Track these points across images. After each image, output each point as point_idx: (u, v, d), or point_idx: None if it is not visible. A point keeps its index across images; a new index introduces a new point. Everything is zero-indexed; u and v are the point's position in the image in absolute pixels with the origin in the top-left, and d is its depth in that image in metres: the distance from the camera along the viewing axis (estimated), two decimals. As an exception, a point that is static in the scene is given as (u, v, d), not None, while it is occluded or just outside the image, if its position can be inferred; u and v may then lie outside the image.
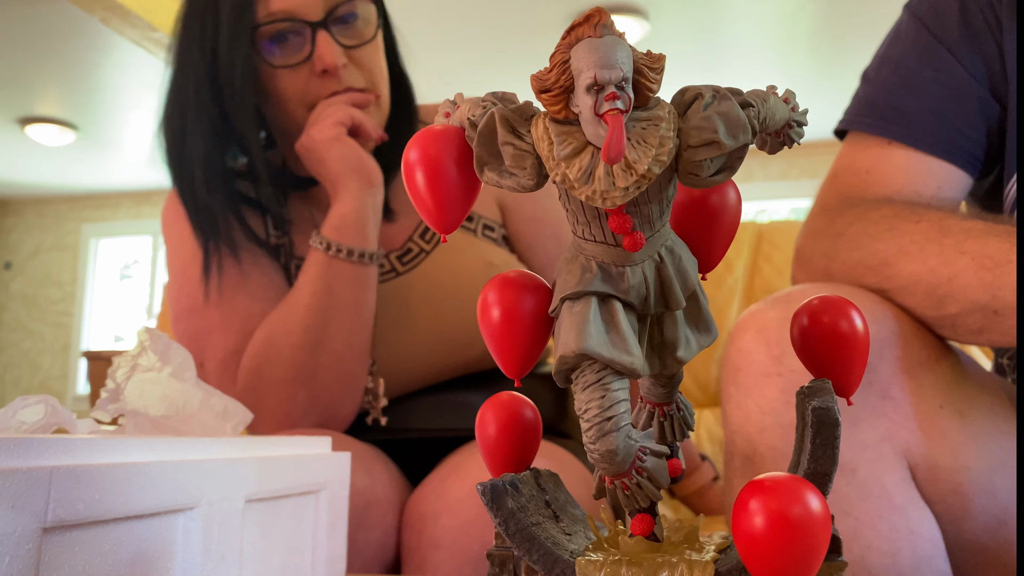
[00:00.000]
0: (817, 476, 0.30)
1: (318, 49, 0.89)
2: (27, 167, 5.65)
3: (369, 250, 0.90)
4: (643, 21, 3.64)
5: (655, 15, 3.62)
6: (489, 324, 0.34)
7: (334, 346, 0.89)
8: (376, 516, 0.83)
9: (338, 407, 0.92)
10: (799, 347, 0.35)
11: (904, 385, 0.67)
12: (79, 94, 4.46)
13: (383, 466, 0.90)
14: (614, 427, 0.30)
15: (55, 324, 6.28)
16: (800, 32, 3.80)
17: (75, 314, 6.25)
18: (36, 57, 3.95)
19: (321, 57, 0.89)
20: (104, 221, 6.38)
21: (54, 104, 4.62)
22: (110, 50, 3.82)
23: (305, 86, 0.92)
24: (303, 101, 0.93)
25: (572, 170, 0.28)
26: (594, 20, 0.27)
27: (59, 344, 6.22)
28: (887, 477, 0.66)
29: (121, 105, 4.56)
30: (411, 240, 1.01)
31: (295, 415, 0.90)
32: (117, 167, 5.68)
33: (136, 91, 4.34)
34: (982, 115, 0.80)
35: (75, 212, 6.42)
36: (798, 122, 0.32)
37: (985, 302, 0.65)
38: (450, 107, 0.34)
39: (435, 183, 0.31)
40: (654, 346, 0.34)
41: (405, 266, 1.00)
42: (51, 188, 6.19)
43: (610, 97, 0.26)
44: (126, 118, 4.75)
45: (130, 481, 0.39)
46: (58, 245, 6.43)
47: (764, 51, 4.00)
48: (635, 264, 0.31)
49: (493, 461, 0.37)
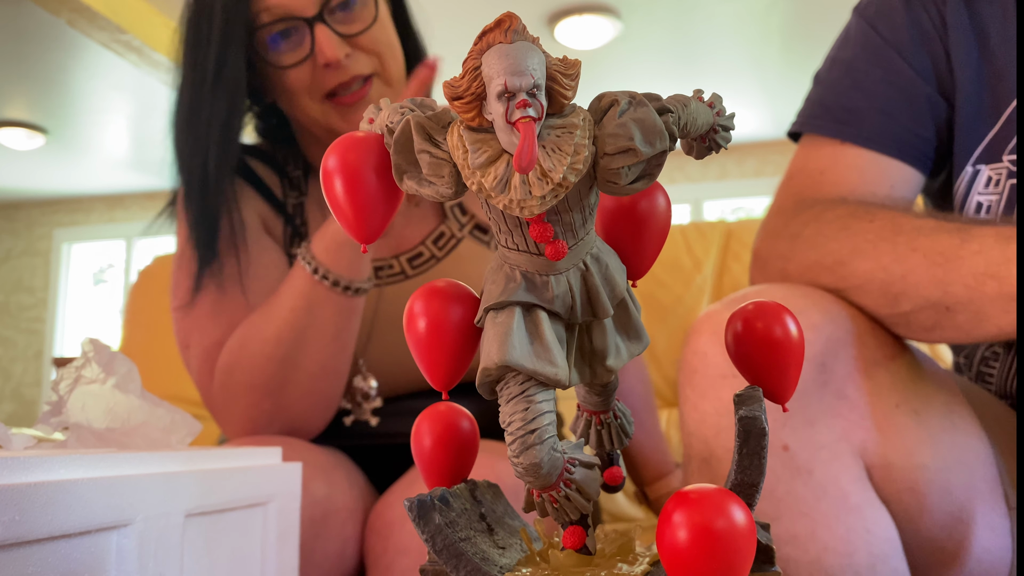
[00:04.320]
0: (744, 487, 0.29)
1: (318, 44, 0.88)
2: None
3: (358, 282, 0.87)
4: (616, 21, 3.64)
5: (627, 14, 3.62)
6: (415, 335, 0.33)
7: (306, 364, 0.87)
8: (335, 526, 0.82)
9: (304, 421, 0.90)
10: (733, 353, 0.35)
11: (860, 384, 0.67)
12: (48, 97, 4.39)
13: (344, 474, 0.89)
14: (537, 440, 0.29)
15: (27, 331, 6.19)
16: (772, 30, 3.82)
17: (47, 320, 6.16)
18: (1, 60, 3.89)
19: (322, 51, 0.88)
20: (76, 225, 6.29)
21: (22, 108, 4.55)
22: (78, 52, 3.77)
23: (312, 80, 0.91)
24: (313, 94, 0.92)
25: (487, 179, 0.27)
26: (505, 25, 0.26)
27: (31, 351, 6.13)
28: (843, 477, 0.65)
29: (91, 108, 4.50)
30: (423, 244, 1.00)
31: (259, 422, 0.89)
32: (89, 170, 5.61)
33: (106, 94, 4.28)
34: (931, 114, 0.81)
35: (46, 217, 6.33)
36: (724, 126, 0.31)
37: (936, 298, 0.65)
38: (374, 112, 0.33)
39: (354, 192, 0.31)
40: (584, 355, 0.33)
41: (414, 270, 0.98)
42: (21, 192, 6.10)
43: (521, 104, 0.26)
44: (96, 121, 4.69)
45: (55, 500, 0.38)
46: (29, 250, 6.33)
47: (737, 49, 4.01)
48: (559, 273, 0.31)
49: (428, 474, 0.37)
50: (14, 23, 3.48)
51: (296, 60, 0.90)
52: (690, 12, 3.64)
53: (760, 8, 3.60)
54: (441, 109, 0.30)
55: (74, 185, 5.93)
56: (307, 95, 0.92)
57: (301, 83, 0.91)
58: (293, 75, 0.91)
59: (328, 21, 0.88)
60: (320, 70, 0.90)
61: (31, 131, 4.79)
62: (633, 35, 3.80)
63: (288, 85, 0.92)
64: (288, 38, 0.89)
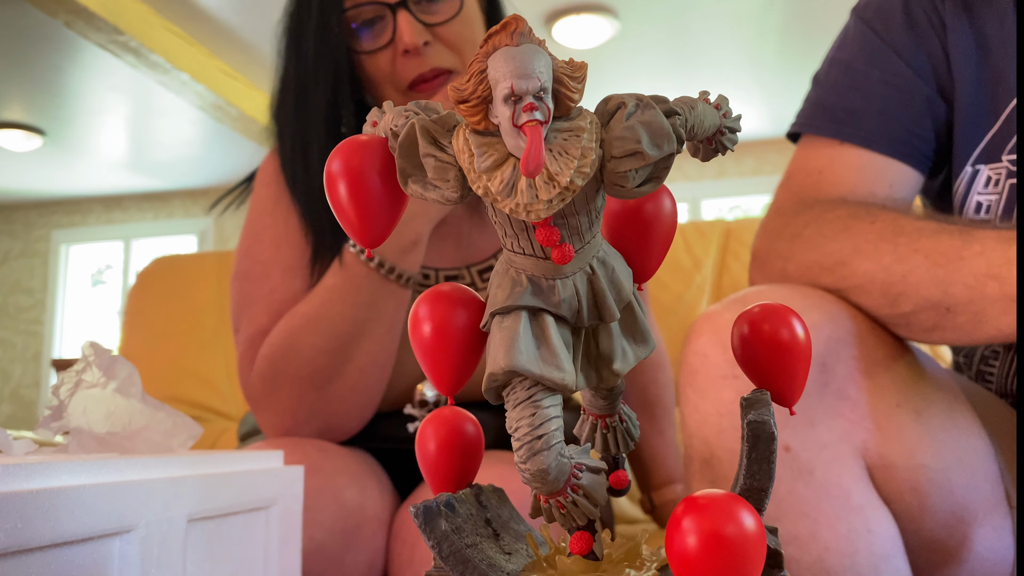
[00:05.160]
0: (752, 492, 0.29)
1: (399, 29, 0.88)
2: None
3: (411, 273, 0.87)
4: (613, 20, 3.64)
5: (625, 14, 3.62)
6: (420, 339, 0.33)
7: (360, 358, 0.86)
8: (366, 537, 0.81)
9: (344, 418, 0.89)
10: (740, 356, 0.35)
11: (861, 384, 0.67)
12: (45, 99, 4.38)
13: (376, 480, 0.87)
14: (545, 445, 0.29)
15: (26, 332, 6.18)
16: (770, 29, 3.82)
17: (46, 322, 6.15)
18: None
19: (401, 37, 0.88)
20: (74, 227, 6.28)
21: (19, 109, 4.54)
22: (75, 54, 3.76)
23: (392, 68, 0.91)
24: (395, 84, 0.92)
25: (494, 183, 0.27)
26: (511, 28, 0.26)
27: (30, 352, 6.12)
28: (845, 477, 0.65)
29: (88, 109, 4.50)
30: (495, 258, 0.98)
31: (299, 416, 0.87)
32: (86, 172, 5.60)
33: (103, 95, 4.27)
34: (930, 114, 0.81)
35: (44, 218, 6.32)
36: (731, 128, 0.31)
37: (937, 299, 0.65)
38: (377, 115, 0.33)
39: (358, 195, 0.30)
40: (590, 359, 0.33)
41: (485, 282, 0.96)
42: (19, 194, 6.09)
43: (528, 108, 0.26)
44: (94, 122, 4.69)
45: (57, 506, 0.37)
46: (27, 252, 6.32)
47: (734, 48, 4.01)
48: (566, 277, 0.30)
49: (434, 479, 0.36)
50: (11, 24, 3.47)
51: (378, 46, 0.90)
52: (687, 11, 3.64)
53: (757, 7, 3.60)
54: (446, 112, 0.30)
55: (72, 186, 5.92)
56: (390, 85, 0.92)
57: (383, 72, 0.91)
58: (375, 62, 0.91)
59: (411, 8, 0.89)
60: (400, 59, 0.90)
61: (29, 132, 4.79)
62: (630, 34, 3.80)
63: (371, 73, 0.92)
64: (372, 26, 0.90)
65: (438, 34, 0.90)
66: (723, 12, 3.64)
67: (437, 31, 0.90)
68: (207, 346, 1.59)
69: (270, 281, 0.91)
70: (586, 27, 3.66)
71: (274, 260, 0.92)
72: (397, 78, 0.91)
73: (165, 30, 3.63)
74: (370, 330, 0.86)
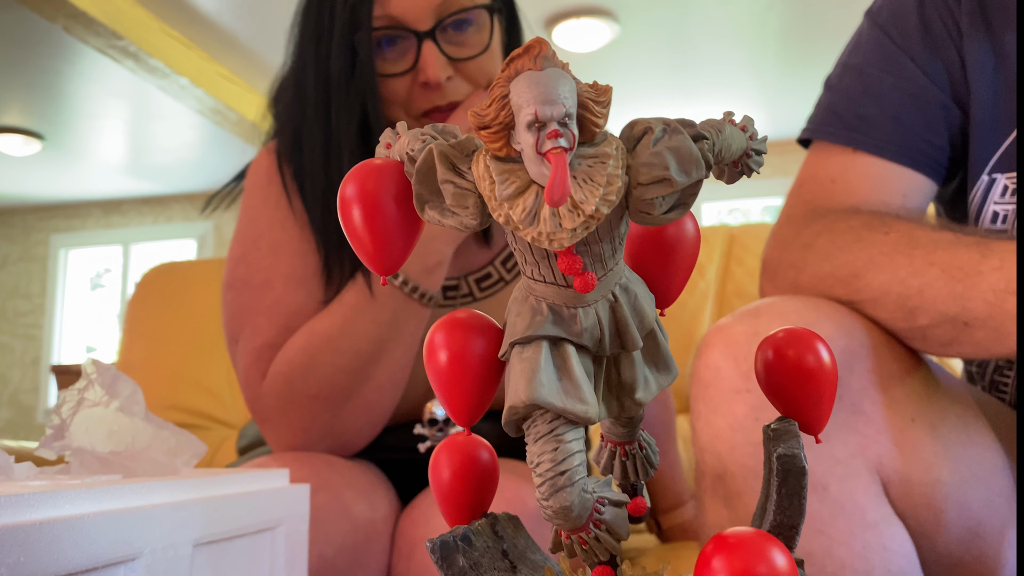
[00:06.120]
0: (783, 529, 0.28)
1: (422, 60, 0.85)
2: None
3: (434, 292, 0.85)
4: (613, 23, 3.63)
5: (625, 17, 3.61)
6: (436, 368, 0.32)
7: (378, 378, 0.85)
8: (376, 552, 0.80)
9: (356, 435, 0.88)
10: (764, 382, 0.34)
11: (875, 398, 0.66)
12: (44, 103, 4.37)
13: (384, 493, 0.86)
14: (568, 482, 0.28)
15: (24, 336, 6.16)
16: (769, 31, 3.81)
17: (45, 326, 6.14)
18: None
19: (423, 69, 0.85)
20: (73, 231, 6.27)
21: (18, 114, 4.53)
22: (74, 58, 3.75)
23: (408, 95, 0.88)
24: (407, 109, 0.89)
25: (516, 211, 0.26)
26: (534, 52, 0.25)
27: (29, 357, 6.10)
28: (859, 493, 0.64)
29: (87, 114, 4.49)
30: (491, 265, 0.96)
31: (311, 434, 0.86)
32: (85, 176, 5.59)
33: (102, 99, 4.27)
34: (945, 121, 0.79)
35: (43, 222, 6.31)
36: (757, 151, 0.30)
37: (954, 313, 0.64)
38: (391, 137, 0.32)
39: (373, 221, 0.29)
40: (612, 388, 0.32)
41: (483, 292, 0.95)
42: (18, 198, 6.08)
43: (552, 135, 0.25)
44: (93, 127, 4.68)
45: (60, 538, 0.36)
46: (26, 256, 6.31)
47: (734, 51, 4.00)
48: (588, 305, 0.29)
49: (448, 508, 0.35)
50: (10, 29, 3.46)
51: (397, 71, 0.87)
52: (687, 14, 3.63)
53: (757, 10, 3.59)
54: (464, 137, 0.29)
55: (71, 191, 5.91)
56: (402, 109, 0.89)
57: (397, 96, 0.88)
58: (391, 85, 0.88)
59: (439, 39, 0.85)
60: (418, 88, 0.87)
61: (27, 137, 4.78)
62: (631, 38, 3.79)
63: (384, 94, 0.88)
64: (394, 46, 0.87)
65: (461, 68, 0.87)
66: (723, 15, 3.63)
67: (461, 65, 0.87)
68: (207, 354, 1.57)
69: (272, 291, 0.89)
70: (586, 31, 3.65)
71: (274, 268, 0.89)
72: (412, 105, 0.89)
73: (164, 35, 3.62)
74: (390, 349, 0.84)
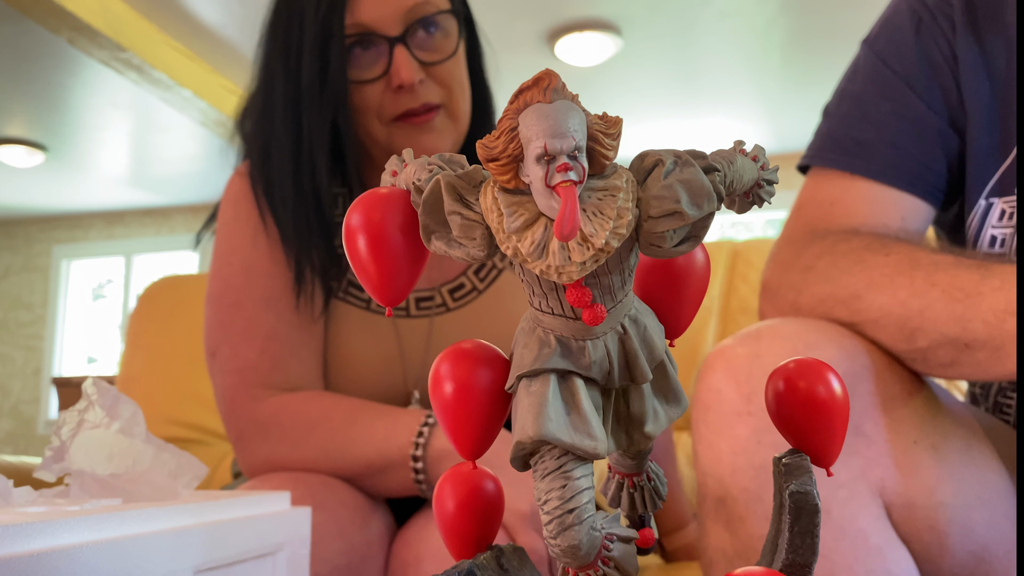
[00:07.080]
0: (796, 568, 0.28)
1: (395, 64, 0.87)
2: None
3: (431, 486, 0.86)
4: (616, 37, 3.64)
5: (628, 31, 3.62)
6: (441, 399, 0.31)
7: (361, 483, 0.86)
8: (371, 572, 0.79)
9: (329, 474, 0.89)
10: (775, 414, 0.33)
11: (878, 421, 0.66)
12: (47, 115, 4.39)
13: (379, 511, 0.86)
14: (576, 520, 0.27)
15: (25, 347, 6.15)
16: (772, 46, 3.82)
17: (46, 337, 6.13)
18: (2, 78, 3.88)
19: (397, 73, 0.87)
20: (75, 242, 6.27)
21: (22, 125, 4.55)
22: (78, 70, 3.77)
23: (381, 101, 0.90)
24: (379, 116, 0.91)
25: (524, 244, 0.26)
26: (544, 84, 0.25)
27: (30, 368, 6.10)
28: (862, 516, 0.64)
29: (90, 125, 4.50)
30: (464, 275, 0.97)
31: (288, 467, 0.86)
32: (87, 187, 5.60)
33: (105, 111, 4.28)
34: (942, 147, 0.79)
35: (45, 233, 6.32)
36: (768, 180, 0.30)
37: (955, 335, 0.63)
38: (397, 165, 0.31)
39: (378, 251, 0.29)
40: (620, 420, 0.31)
41: (456, 302, 0.96)
42: (20, 209, 6.09)
43: (562, 168, 0.24)
44: (95, 138, 4.69)
45: (60, 569, 0.36)
46: (28, 267, 6.31)
47: (737, 65, 4.01)
48: (596, 337, 0.29)
49: (453, 541, 0.35)
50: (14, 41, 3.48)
51: (370, 77, 0.89)
52: (690, 28, 3.64)
53: (760, 24, 3.60)
54: (472, 168, 0.28)
55: (73, 202, 5.92)
56: (374, 115, 0.91)
57: (370, 102, 0.90)
58: (364, 93, 0.90)
59: (409, 44, 0.88)
60: (391, 92, 0.89)
61: (31, 148, 4.79)
62: (633, 52, 3.80)
63: (355, 102, 0.90)
64: (365, 52, 0.89)
65: (432, 72, 0.90)
66: (726, 29, 3.64)
67: (431, 69, 0.90)
68: (209, 369, 1.57)
69: (244, 311, 0.90)
70: (589, 45, 3.66)
71: (245, 287, 0.90)
72: (384, 111, 0.90)
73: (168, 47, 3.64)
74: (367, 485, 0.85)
